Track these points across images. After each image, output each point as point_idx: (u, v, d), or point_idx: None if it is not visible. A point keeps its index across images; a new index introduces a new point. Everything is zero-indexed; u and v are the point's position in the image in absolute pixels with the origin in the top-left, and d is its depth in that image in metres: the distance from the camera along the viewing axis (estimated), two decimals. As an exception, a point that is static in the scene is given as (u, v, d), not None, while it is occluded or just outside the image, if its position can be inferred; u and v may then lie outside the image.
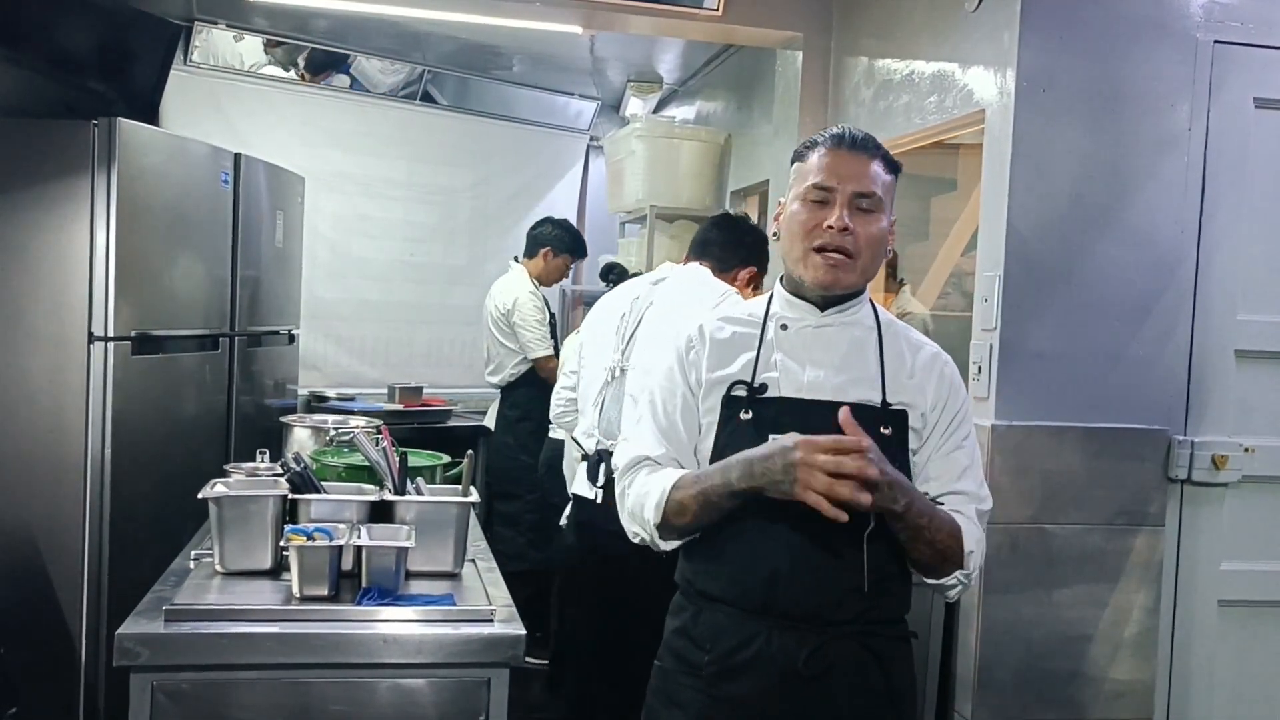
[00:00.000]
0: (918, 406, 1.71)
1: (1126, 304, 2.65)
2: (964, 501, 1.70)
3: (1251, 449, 2.72)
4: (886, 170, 1.72)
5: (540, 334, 4.50)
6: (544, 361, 4.46)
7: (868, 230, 1.68)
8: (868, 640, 1.66)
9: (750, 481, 1.59)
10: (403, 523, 2.18)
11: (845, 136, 1.71)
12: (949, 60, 2.95)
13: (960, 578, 1.68)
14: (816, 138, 1.74)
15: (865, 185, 1.68)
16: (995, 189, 2.66)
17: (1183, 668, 2.75)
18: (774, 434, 1.62)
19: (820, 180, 1.69)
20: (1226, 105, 2.68)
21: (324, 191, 5.05)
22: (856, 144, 1.71)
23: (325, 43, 5.14)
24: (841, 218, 1.66)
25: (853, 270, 1.69)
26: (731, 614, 1.66)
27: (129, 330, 3.03)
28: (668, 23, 3.84)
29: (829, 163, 1.69)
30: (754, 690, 1.64)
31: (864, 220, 1.68)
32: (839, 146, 1.70)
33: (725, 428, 1.70)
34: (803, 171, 1.73)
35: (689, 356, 1.77)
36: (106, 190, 2.95)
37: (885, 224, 1.71)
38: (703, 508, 1.65)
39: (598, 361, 2.83)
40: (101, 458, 2.96)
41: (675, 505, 1.67)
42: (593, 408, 2.79)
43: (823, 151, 1.71)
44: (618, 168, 5.29)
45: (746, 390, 1.70)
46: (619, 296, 2.90)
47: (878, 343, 1.73)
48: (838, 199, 1.68)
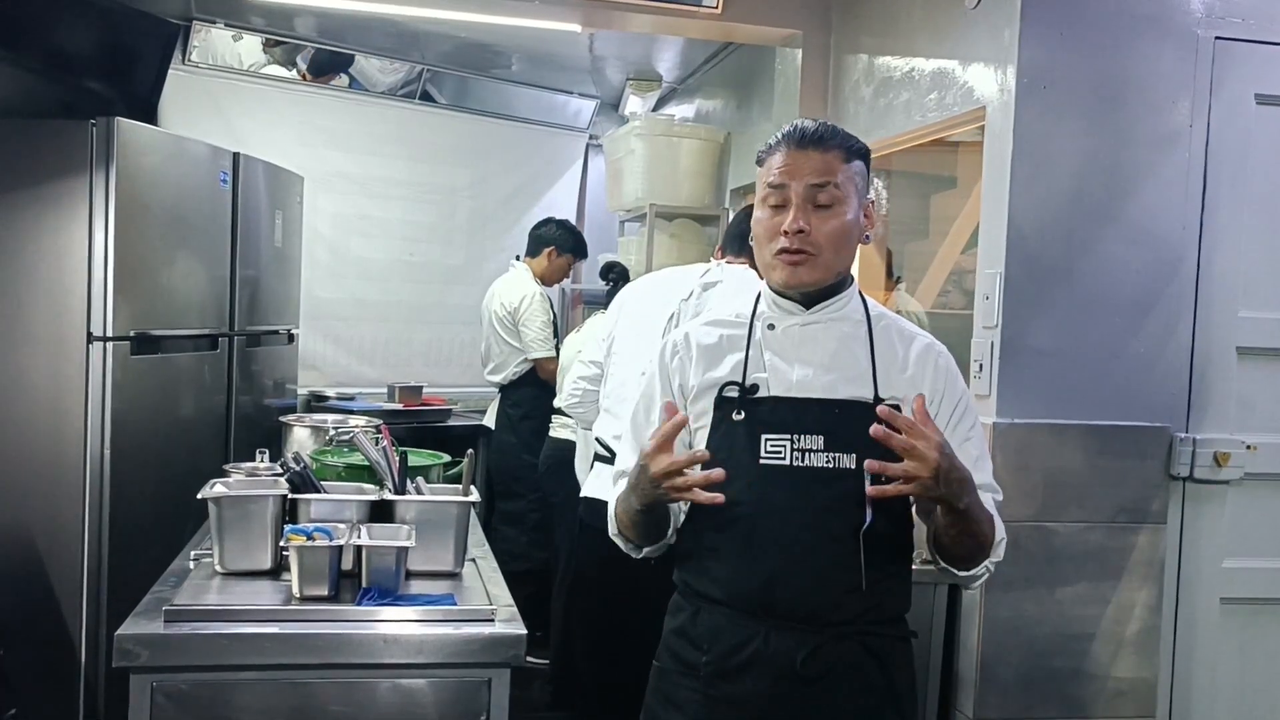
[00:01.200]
0: (911, 400, 1.69)
1: (1128, 301, 2.64)
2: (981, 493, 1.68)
3: (1253, 446, 2.71)
4: (847, 159, 1.68)
5: (544, 335, 4.49)
6: (545, 363, 4.45)
7: (827, 225, 1.66)
8: (867, 640, 1.65)
9: (642, 500, 1.64)
10: (403, 522, 2.17)
11: (795, 133, 1.69)
12: (949, 57, 2.95)
13: (987, 565, 1.68)
14: (772, 139, 1.72)
15: (818, 177, 1.65)
16: (996, 186, 2.65)
17: (1185, 665, 2.74)
18: (766, 433, 1.63)
19: (773, 180, 1.68)
20: (1228, 102, 2.68)
21: (323, 191, 5.05)
22: (807, 138, 1.67)
23: (324, 42, 5.13)
24: (796, 220, 1.65)
25: (815, 267, 1.67)
26: (729, 615, 1.65)
27: (128, 330, 3.03)
28: (667, 21, 3.83)
29: (782, 162, 1.68)
30: (752, 691, 1.63)
31: (821, 216, 1.65)
32: (789, 144, 1.68)
33: (719, 429, 1.69)
34: (762, 174, 1.72)
35: (672, 364, 1.77)
36: (105, 190, 2.95)
37: (850, 215, 1.67)
38: (630, 522, 1.72)
39: (632, 360, 2.72)
40: (101, 458, 2.95)
41: (620, 520, 1.76)
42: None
43: (777, 152, 1.70)
44: (617, 166, 5.29)
45: (738, 390, 1.69)
46: (660, 293, 2.77)
47: (868, 336, 1.71)
48: (792, 198, 1.66)
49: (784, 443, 1.63)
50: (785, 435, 1.63)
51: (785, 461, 1.63)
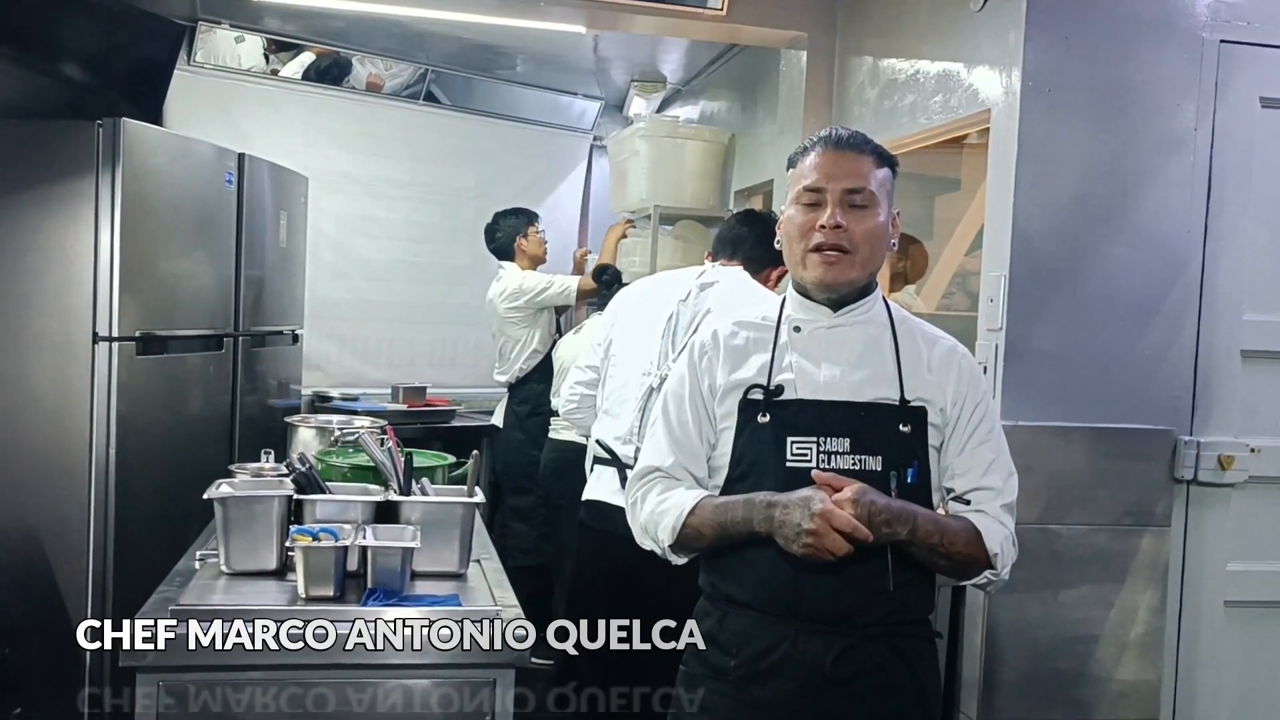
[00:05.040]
0: (936, 402, 1.71)
1: (1132, 304, 2.64)
2: (990, 498, 1.70)
3: (1258, 449, 2.71)
4: (879, 165, 1.73)
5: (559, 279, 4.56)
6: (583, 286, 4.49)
7: (862, 225, 1.69)
8: (894, 641, 1.67)
9: (769, 527, 1.62)
10: (408, 523, 2.18)
11: (832, 137, 1.73)
12: (954, 60, 2.95)
13: (990, 576, 1.70)
14: (807, 142, 1.76)
15: (855, 181, 1.69)
16: (1001, 189, 2.65)
17: (1189, 668, 2.74)
18: (792, 436, 1.64)
19: (811, 182, 1.71)
20: (1233, 105, 2.68)
21: (327, 191, 5.05)
22: (844, 143, 1.72)
23: (328, 43, 5.13)
24: (833, 215, 1.67)
25: (851, 265, 1.70)
26: (757, 618, 1.66)
27: (133, 330, 3.04)
28: (672, 22, 3.83)
29: (819, 164, 1.71)
30: (782, 694, 1.64)
31: (857, 216, 1.69)
32: (827, 147, 1.72)
33: (744, 431, 1.71)
34: (796, 176, 1.75)
35: (701, 363, 1.78)
36: (111, 190, 2.95)
37: (882, 218, 1.71)
38: (719, 538, 1.69)
39: (632, 362, 2.70)
40: (106, 458, 2.96)
41: (692, 531, 1.70)
42: (634, 412, 2.64)
43: (814, 155, 1.73)
44: (621, 168, 5.28)
45: (763, 393, 1.70)
46: (657, 295, 2.75)
47: (892, 339, 1.73)
48: (829, 198, 1.69)
49: (810, 446, 1.65)
50: (811, 438, 1.65)
51: (811, 464, 1.65)
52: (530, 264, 4.68)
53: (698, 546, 1.72)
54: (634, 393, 2.66)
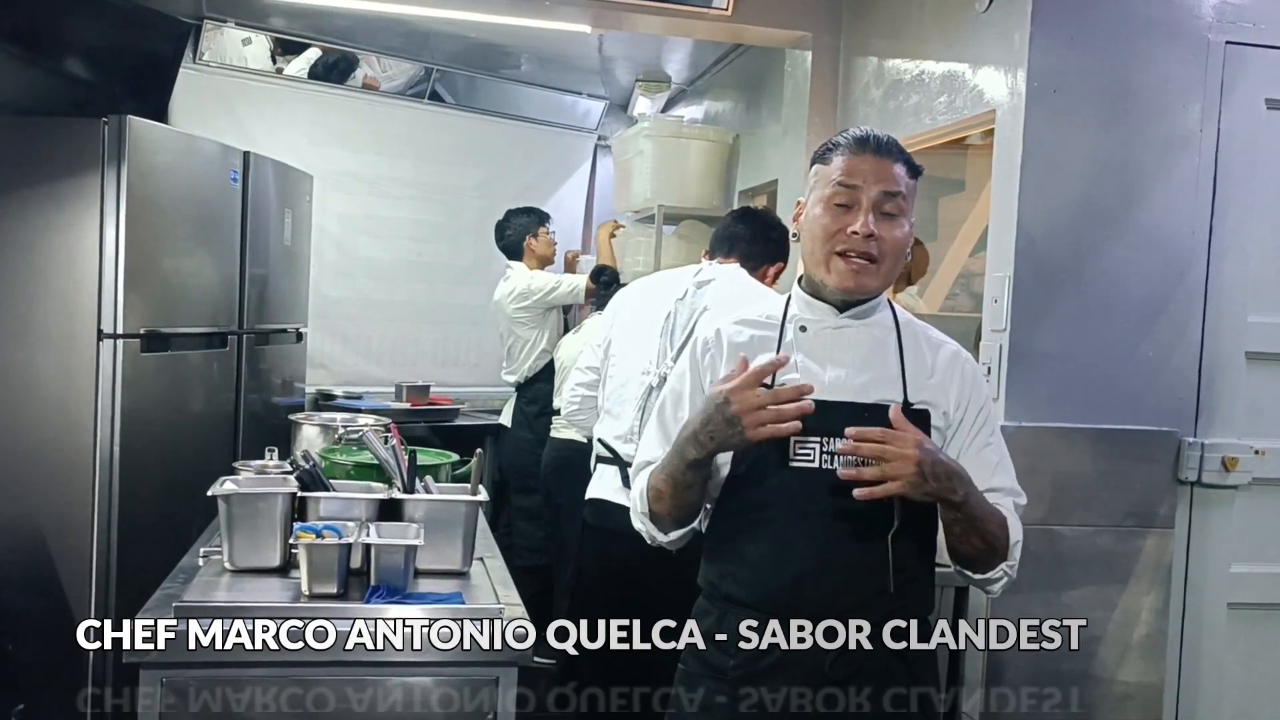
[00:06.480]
0: (940, 406, 1.70)
1: (1137, 305, 2.64)
2: (1001, 497, 1.69)
3: (1262, 451, 2.71)
4: (909, 173, 1.70)
5: (567, 279, 4.59)
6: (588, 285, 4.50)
7: (892, 235, 1.66)
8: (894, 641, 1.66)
9: (702, 449, 1.60)
10: (411, 521, 2.17)
11: (869, 139, 1.68)
12: (959, 60, 2.95)
13: (1005, 569, 1.69)
14: (838, 139, 1.71)
15: (891, 185, 1.66)
16: (1005, 190, 2.65)
17: (1192, 670, 2.74)
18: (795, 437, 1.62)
19: (844, 179, 1.66)
20: (1238, 106, 2.67)
21: (332, 190, 5.05)
22: (881, 147, 1.68)
23: (334, 41, 5.14)
24: (867, 223, 1.64)
25: (875, 275, 1.68)
26: (757, 617, 1.65)
27: (138, 328, 3.04)
28: (676, 22, 3.84)
29: (854, 164, 1.67)
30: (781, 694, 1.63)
31: (888, 225, 1.66)
32: (863, 149, 1.68)
33: None
34: (825, 174, 1.70)
35: (704, 361, 1.77)
36: (116, 188, 2.96)
37: (908, 229, 1.70)
38: (674, 488, 1.67)
39: (631, 361, 2.71)
40: (110, 455, 2.97)
41: (653, 492, 1.70)
42: (635, 412, 2.65)
43: (846, 153, 1.68)
44: (625, 167, 5.28)
45: None
46: (655, 294, 2.76)
47: (897, 343, 1.72)
48: (863, 201, 1.65)
49: (813, 446, 1.64)
50: (814, 438, 1.64)
51: (814, 464, 1.64)
52: (538, 264, 4.69)
53: (663, 509, 1.70)
54: (634, 392, 2.68)
